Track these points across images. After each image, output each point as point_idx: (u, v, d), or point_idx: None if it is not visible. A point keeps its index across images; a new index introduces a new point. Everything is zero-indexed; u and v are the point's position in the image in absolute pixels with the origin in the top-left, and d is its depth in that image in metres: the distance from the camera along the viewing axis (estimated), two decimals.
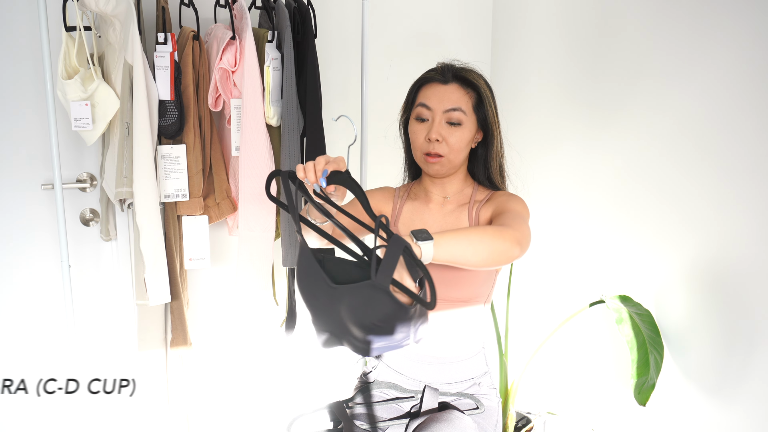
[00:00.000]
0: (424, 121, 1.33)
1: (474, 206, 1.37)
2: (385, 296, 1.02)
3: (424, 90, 1.35)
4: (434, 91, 1.33)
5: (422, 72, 1.39)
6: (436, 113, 1.31)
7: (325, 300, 1.08)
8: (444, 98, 1.31)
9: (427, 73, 1.37)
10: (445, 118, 1.31)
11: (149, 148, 1.64)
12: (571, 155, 1.92)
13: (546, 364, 2.05)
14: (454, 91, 1.32)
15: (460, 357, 1.38)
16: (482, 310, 1.38)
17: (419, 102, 1.33)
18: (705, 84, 1.40)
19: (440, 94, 1.32)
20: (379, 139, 2.20)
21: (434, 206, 1.40)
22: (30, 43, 1.83)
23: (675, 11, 1.48)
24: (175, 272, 1.79)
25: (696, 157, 1.44)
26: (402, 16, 2.23)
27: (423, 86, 1.35)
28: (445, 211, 1.39)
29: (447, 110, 1.30)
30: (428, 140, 1.31)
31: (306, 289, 1.13)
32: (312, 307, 1.13)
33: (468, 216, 1.36)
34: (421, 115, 1.33)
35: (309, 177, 1.13)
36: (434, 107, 1.31)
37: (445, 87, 1.32)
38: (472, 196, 1.38)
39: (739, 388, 1.35)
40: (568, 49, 1.92)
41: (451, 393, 1.37)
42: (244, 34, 1.71)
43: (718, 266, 1.39)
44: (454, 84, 1.33)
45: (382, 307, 1.03)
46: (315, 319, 1.14)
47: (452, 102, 1.31)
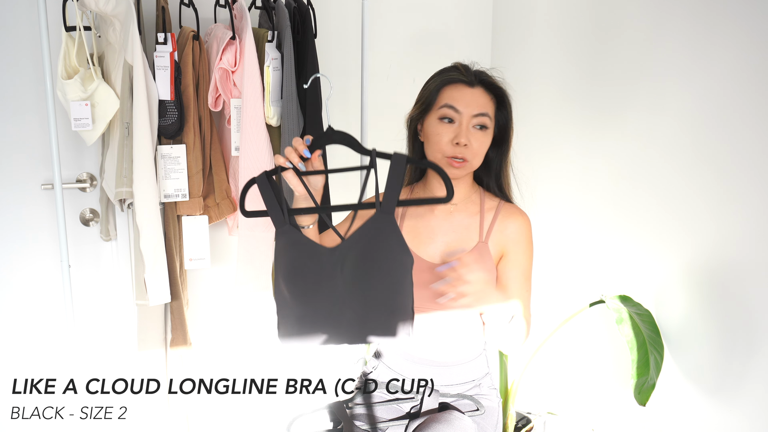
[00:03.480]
0: (450, 122, 1.29)
1: (485, 218, 1.34)
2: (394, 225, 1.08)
3: (449, 90, 1.30)
4: (461, 93, 1.29)
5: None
6: (464, 116, 1.28)
7: (328, 280, 1.13)
8: (472, 102, 1.28)
9: (451, 73, 1.32)
10: (474, 122, 1.28)
11: (149, 148, 1.64)
12: (571, 156, 1.92)
13: (546, 364, 2.05)
14: (480, 95, 1.30)
15: (461, 360, 1.38)
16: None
17: (445, 103, 1.29)
18: (704, 86, 1.40)
19: (468, 98, 1.29)
20: (380, 140, 2.20)
21: (440, 212, 1.36)
22: (30, 43, 1.83)
23: (674, 13, 1.48)
24: (175, 272, 1.79)
25: (695, 158, 1.44)
26: (402, 17, 2.23)
27: (447, 86, 1.31)
28: (453, 220, 1.35)
29: (476, 114, 1.28)
30: (454, 144, 1.27)
31: (303, 280, 1.15)
32: (310, 300, 1.16)
33: (479, 229, 1.34)
34: (447, 115, 1.29)
35: (293, 157, 1.19)
36: (462, 110, 1.28)
37: (472, 90, 1.30)
38: (482, 204, 1.36)
39: (739, 388, 1.35)
40: (567, 51, 1.92)
41: (451, 394, 1.36)
42: (244, 34, 1.71)
43: (718, 266, 1.39)
44: (479, 88, 1.30)
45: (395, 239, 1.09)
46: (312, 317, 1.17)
47: (480, 106, 1.29)
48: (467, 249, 1.32)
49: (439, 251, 1.34)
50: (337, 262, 1.13)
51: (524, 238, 1.34)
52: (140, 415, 2.06)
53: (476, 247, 1.33)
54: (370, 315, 1.13)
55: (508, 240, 1.33)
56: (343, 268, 1.13)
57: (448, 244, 1.34)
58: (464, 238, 1.34)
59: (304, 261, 1.15)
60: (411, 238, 1.35)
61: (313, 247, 1.16)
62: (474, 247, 1.33)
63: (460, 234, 1.34)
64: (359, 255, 1.11)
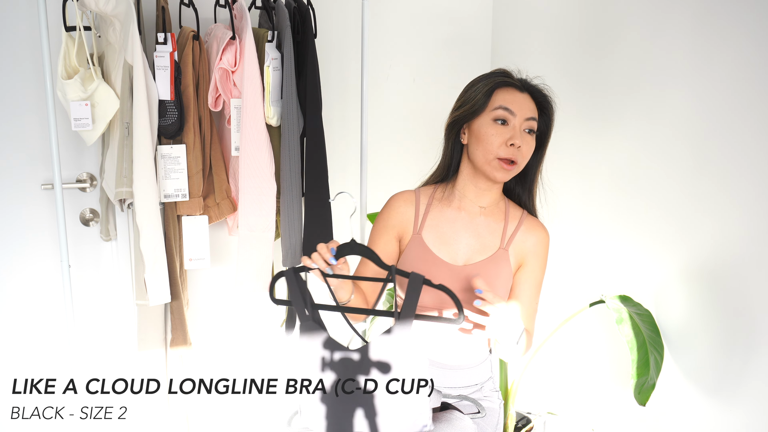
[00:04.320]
0: (504, 124, 1.30)
1: (509, 226, 1.37)
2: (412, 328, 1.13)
3: (501, 93, 1.32)
4: (514, 96, 1.32)
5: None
6: (518, 119, 1.30)
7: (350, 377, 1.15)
8: (524, 106, 1.31)
9: (500, 77, 1.35)
10: (525, 125, 1.31)
11: (149, 148, 1.64)
12: (571, 157, 1.92)
13: (546, 364, 2.05)
14: (530, 101, 1.33)
15: (467, 364, 1.38)
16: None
17: (500, 105, 1.30)
18: (702, 89, 1.41)
19: (520, 101, 1.31)
20: (379, 141, 2.20)
21: (466, 215, 1.37)
22: (30, 43, 1.83)
23: (674, 16, 1.49)
24: (175, 272, 1.79)
25: (694, 159, 1.44)
26: (402, 17, 2.23)
27: (499, 89, 1.33)
28: (478, 224, 1.37)
29: (528, 118, 1.31)
30: (508, 146, 1.29)
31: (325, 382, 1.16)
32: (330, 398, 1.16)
33: (501, 236, 1.36)
34: (502, 117, 1.30)
35: (319, 262, 1.19)
36: (517, 113, 1.30)
37: (522, 95, 1.33)
38: (507, 213, 1.39)
39: (739, 388, 1.35)
40: (566, 54, 1.92)
41: (452, 396, 1.36)
42: (244, 34, 1.71)
43: (718, 266, 1.39)
44: (527, 93, 1.34)
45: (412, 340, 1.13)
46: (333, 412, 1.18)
47: (531, 111, 1.32)
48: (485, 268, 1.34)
49: (460, 253, 1.35)
50: (359, 368, 1.16)
51: (542, 252, 1.38)
52: (140, 415, 2.06)
53: (495, 254, 1.34)
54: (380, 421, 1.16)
55: (527, 251, 1.36)
56: (366, 371, 1.15)
57: (472, 247, 1.35)
58: (487, 243, 1.35)
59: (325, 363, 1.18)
60: (434, 237, 1.36)
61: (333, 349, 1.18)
62: (492, 255, 1.34)
63: (484, 238, 1.36)
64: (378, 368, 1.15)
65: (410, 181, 1.56)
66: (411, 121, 2.26)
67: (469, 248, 1.35)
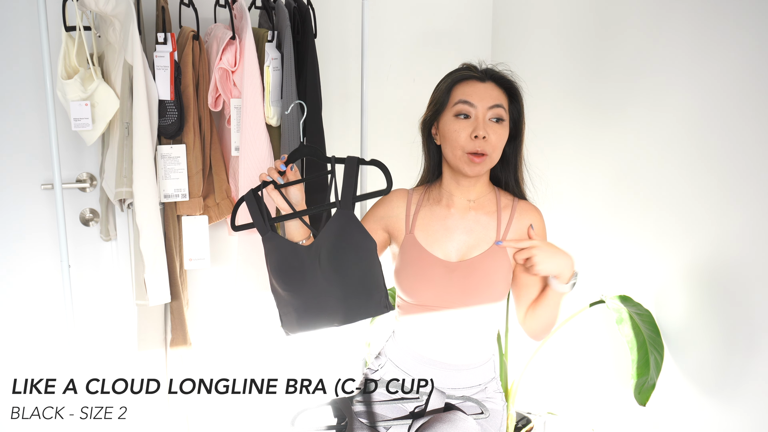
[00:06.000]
0: (466, 118, 1.30)
1: (502, 217, 1.36)
2: (353, 218, 1.26)
3: (461, 87, 1.32)
4: (474, 88, 1.31)
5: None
6: (479, 110, 1.29)
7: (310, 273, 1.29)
8: (486, 95, 1.30)
9: (460, 72, 1.34)
10: (489, 114, 1.29)
11: (149, 148, 1.64)
12: (571, 154, 1.92)
13: (546, 364, 2.05)
14: (493, 89, 1.31)
15: (471, 364, 1.38)
16: (499, 314, 1.39)
17: (459, 99, 1.30)
18: (704, 85, 1.40)
19: (481, 92, 1.30)
20: (379, 141, 2.20)
21: (457, 211, 1.37)
22: (30, 43, 1.83)
23: (675, 10, 1.48)
24: (174, 272, 1.79)
25: (696, 157, 1.44)
26: (402, 17, 2.23)
27: (458, 84, 1.32)
28: (469, 219, 1.36)
29: (491, 107, 1.29)
30: (473, 138, 1.28)
31: (290, 276, 1.32)
32: (299, 293, 1.32)
33: (497, 227, 1.35)
34: (462, 111, 1.29)
35: (272, 173, 1.32)
36: (477, 104, 1.29)
37: (484, 85, 1.31)
38: (498, 203, 1.38)
39: (739, 388, 1.35)
40: (567, 49, 1.92)
41: (456, 396, 1.36)
42: (243, 33, 1.71)
43: (718, 266, 1.39)
44: (490, 82, 1.32)
45: (356, 230, 1.26)
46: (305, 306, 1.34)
47: (494, 99, 1.30)
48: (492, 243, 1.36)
49: (453, 250, 1.35)
50: (314, 257, 1.29)
51: (541, 231, 1.40)
52: (140, 415, 2.06)
53: (492, 248, 1.34)
54: (350, 300, 1.29)
55: (524, 237, 1.35)
56: (320, 261, 1.28)
57: (465, 243, 1.35)
58: (482, 237, 1.35)
59: (288, 260, 1.32)
60: (426, 236, 1.36)
61: (293, 247, 1.33)
62: (488, 250, 1.34)
63: (478, 233, 1.35)
64: (329, 249, 1.27)
65: (410, 181, 1.56)
66: (411, 121, 2.26)
67: (463, 244, 1.35)
